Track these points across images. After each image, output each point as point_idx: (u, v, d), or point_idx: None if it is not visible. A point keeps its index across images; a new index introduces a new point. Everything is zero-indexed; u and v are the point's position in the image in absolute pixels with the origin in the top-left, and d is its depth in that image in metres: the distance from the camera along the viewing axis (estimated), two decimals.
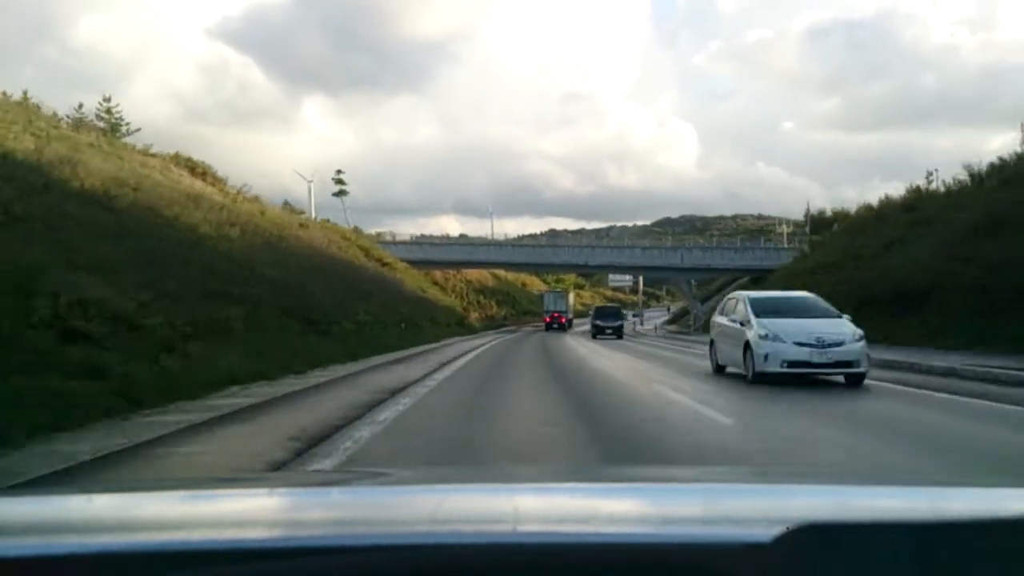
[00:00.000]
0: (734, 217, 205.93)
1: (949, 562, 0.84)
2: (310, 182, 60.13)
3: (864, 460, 6.23)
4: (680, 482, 1.72)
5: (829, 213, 50.02)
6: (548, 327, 52.14)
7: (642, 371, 15.60)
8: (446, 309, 45.95)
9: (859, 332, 11.17)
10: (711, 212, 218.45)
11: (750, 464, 5.75)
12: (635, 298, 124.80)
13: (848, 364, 10.83)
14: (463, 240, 65.04)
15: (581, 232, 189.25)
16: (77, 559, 0.87)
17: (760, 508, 1.13)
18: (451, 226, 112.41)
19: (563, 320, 53.58)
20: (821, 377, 11.52)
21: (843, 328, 11.27)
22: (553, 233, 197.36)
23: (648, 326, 65.50)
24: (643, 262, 57.41)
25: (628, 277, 79.73)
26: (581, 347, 27.39)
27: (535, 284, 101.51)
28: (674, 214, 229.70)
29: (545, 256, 60.82)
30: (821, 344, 10.77)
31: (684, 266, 56.33)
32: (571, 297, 67.04)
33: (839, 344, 10.82)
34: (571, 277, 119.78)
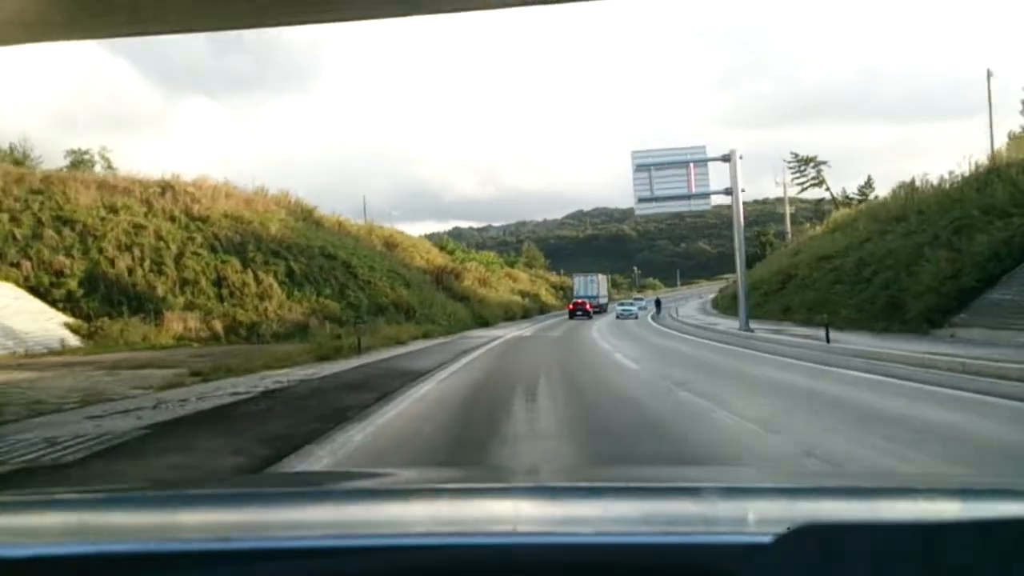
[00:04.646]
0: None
1: (949, 562, 0.83)
2: None
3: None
4: (680, 482, 1.67)
5: None
6: (571, 315, 48.92)
7: None
8: None
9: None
10: (622, 205, 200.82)
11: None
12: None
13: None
14: None
15: (488, 229, 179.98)
16: (77, 559, 0.86)
17: (760, 508, 1.14)
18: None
19: (588, 307, 49.74)
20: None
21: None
22: (457, 232, 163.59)
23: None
24: None
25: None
26: None
27: (420, 251, 43.53)
28: (586, 207, 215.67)
29: None
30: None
31: None
32: (604, 280, 64.53)
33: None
34: (488, 254, 64.98)
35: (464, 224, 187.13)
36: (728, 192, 25.69)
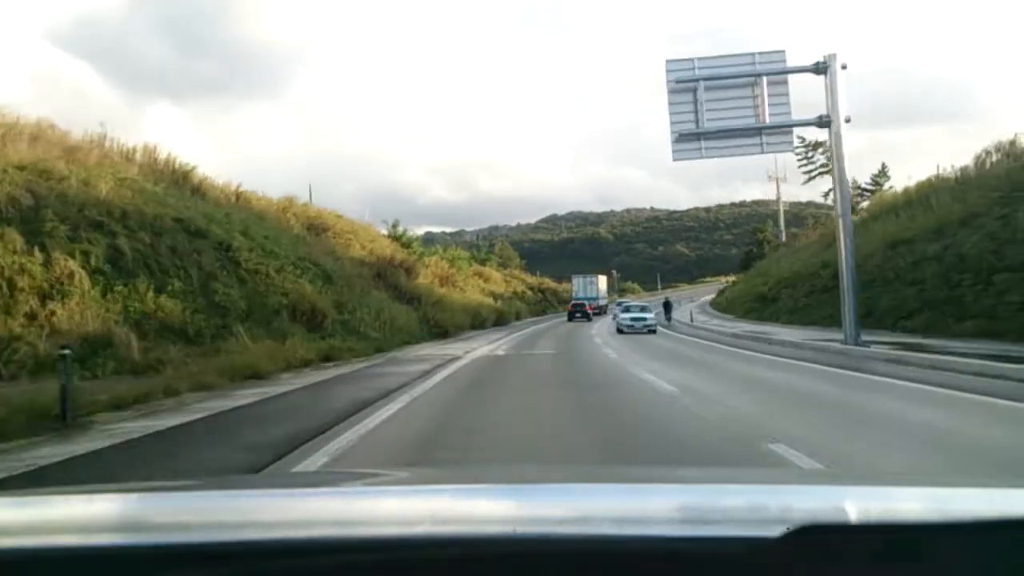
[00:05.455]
0: (626, 211, 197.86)
1: (949, 562, 0.82)
2: None
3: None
4: (681, 482, 1.68)
5: None
6: (571, 316, 47.93)
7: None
8: None
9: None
10: (597, 209, 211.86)
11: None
12: None
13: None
14: None
15: (461, 233, 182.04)
16: (77, 559, 0.86)
17: (760, 508, 1.13)
18: None
19: (588, 308, 48.84)
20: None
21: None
22: (430, 236, 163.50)
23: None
24: None
25: None
26: None
27: (362, 239, 31.58)
28: (560, 211, 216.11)
29: None
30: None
31: None
32: (603, 280, 63.09)
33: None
34: (454, 250, 55.89)
35: (437, 229, 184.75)
36: (823, 123, 15.94)
